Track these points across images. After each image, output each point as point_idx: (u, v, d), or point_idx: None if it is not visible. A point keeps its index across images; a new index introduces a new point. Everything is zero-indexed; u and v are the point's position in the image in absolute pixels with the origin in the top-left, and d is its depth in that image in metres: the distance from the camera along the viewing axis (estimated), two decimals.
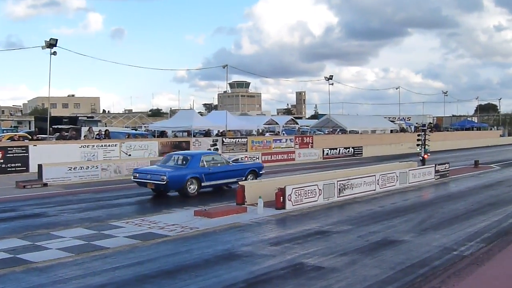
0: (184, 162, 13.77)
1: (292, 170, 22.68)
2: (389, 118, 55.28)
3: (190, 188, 13.50)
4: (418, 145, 20.43)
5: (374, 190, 15.38)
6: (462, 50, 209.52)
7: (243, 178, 14.76)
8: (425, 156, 20.37)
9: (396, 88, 51.69)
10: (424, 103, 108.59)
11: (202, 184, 13.71)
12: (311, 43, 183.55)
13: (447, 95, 56.69)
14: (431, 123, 54.49)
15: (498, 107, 78.84)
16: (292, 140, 31.39)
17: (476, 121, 70.80)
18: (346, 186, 14.07)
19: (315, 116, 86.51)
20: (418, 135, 20.45)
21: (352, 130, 40.82)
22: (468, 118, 74.81)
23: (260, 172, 15.67)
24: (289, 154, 28.47)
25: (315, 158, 29.99)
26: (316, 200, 12.95)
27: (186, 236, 8.92)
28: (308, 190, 12.69)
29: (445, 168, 19.71)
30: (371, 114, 60.98)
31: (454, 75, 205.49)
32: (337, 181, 13.86)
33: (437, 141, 43.25)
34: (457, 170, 23.07)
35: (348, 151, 32.96)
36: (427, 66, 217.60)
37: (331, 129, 41.58)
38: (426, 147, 20.43)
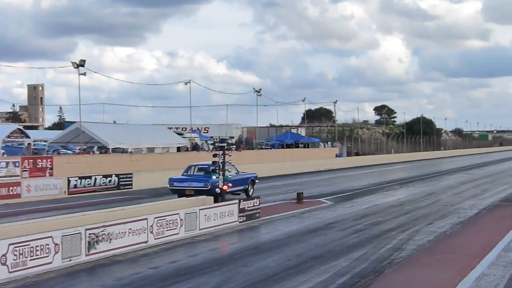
0: (213, 171, 23.28)
1: (13, 215, 22.58)
2: (177, 128, 59.03)
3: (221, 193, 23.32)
4: (213, 171, 21.91)
5: (146, 242, 16.29)
6: (284, 29, 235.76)
7: (247, 186, 30.19)
8: (225, 187, 21.97)
9: (187, 83, 52.47)
10: (229, 106, 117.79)
11: (229, 189, 23.60)
12: (53, 8, 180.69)
13: (260, 95, 59.96)
14: (234, 138, 60.25)
15: (334, 114, 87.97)
16: (17, 164, 31.71)
17: (303, 134, 79.73)
18: (100, 238, 14.69)
19: (59, 125, 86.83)
20: (215, 156, 21.93)
21: (117, 148, 41.96)
22: (293, 130, 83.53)
23: (256, 181, 31.38)
24: (11, 188, 28.49)
25: (55, 193, 30.43)
26: (51, 262, 13.20)
27: None
28: (37, 246, 12.97)
29: (254, 206, 21.75)
30: (149, 123, 63.37)
31: (273, 66, 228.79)
32: (86, 229, 14.37)
33: (246, 163, 47.50)
34: (272, 207, 25.90)
35: (110, 180, 34.08)
36: (234, 51, 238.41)
37: (85, 146, 42.14)
38: (227, 174, 22.08)
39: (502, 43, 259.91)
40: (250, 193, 30.53)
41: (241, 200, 21.38)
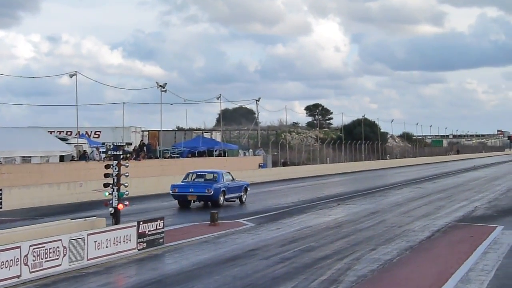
0: (213, 178, 34.72)
1: None
2: (60, 132, 57.87)
3: (220, 199, 34.87)
4: (106, 185, 21.72)
5: (19, 276, 15.94)
6: (194, 9, 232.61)
7: (242, 193, 37.70)
8: (120, 206, 21.81)
9: (72, 75, 51.61)
10: (125, 104, 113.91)
11: (226, 196, 34.79)
12: None
13: (165, 91, 59.99)
14: (133, 144, 58.20)
15: (256, 115, 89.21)
16: None
17: (219, 139, 79.25)
18: None
19: None
20: (108, 167, 21.87)
21: None
22: (206, 134, 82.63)
23: (248, 189, 39.08)
24: None
25: None
26: None
27: None
28: None
29: (157, 229, 21.75)
30: (24, 126, 62.49)
31: (180, 55, 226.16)
32: None
33: (148, 176, 47.70)
34: (180, 230, 25.97)
35: None
36: (132, 36, 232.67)
37: None
38: (122, 189, 21.87)
39: (460, 29, 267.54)
40: (244, 199, 38.93)
41: (141, 222, 21.32)
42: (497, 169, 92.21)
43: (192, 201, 36.25)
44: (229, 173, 38.17)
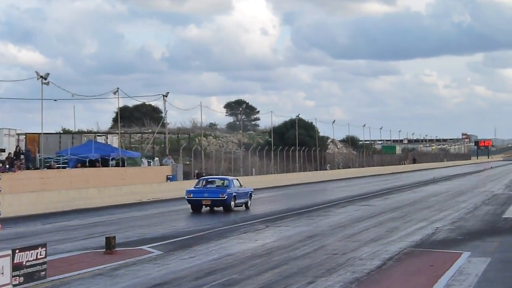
0: (225, 184, 48.88)
1: None
2: None
3: (232, 204, 48.08)
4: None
5: None
6: None
7: (247, 199, 51.14)
8: None
9: None
10: None
11: (236, 201, 48.48)
12: None
13: (47, 83, 59.80)
14: (6, 151, 57.56)
15: (164, 114, 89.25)
16: None
17: (115, 144, 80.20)
18: None
19: None
20: None
21: None
22: (99, 138, 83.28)
23: (253, 195, 53.10)
24: None
25: None
26: None
27: None
28: None
29: (37, 259, 21.40)
30: None
31: (66, 38, 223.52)
32: None
33: (24, 192, 46.66)
34: (66, 260, 25.78)
35: None
36: (4, 14, 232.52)
37: None
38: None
39: (415, 8, 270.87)
40: (249, 205, 50.87)
41: (16, 251, 20.94)
42: (462, 182, 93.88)
43: (205, 205, 48.23)
44: (237, 179, 51.71)
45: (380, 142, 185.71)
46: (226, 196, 47.02)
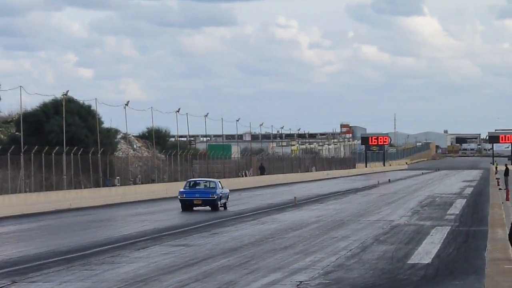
0: (212, 185, 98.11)
1: None
2: None
3: (219, 204, 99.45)
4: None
5: None
6: None
7: (226, 200, 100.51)
8: None
9: None
10: None
11: (221, 201, 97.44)
12: None
13: None
14: None
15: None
16: None
17: None
18: None
19: None
20: None
21: None
22: None
23: (229, 196, 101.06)
24: None
25: None
26: None
27: None
28: None
29: None
30: None
31: None
32: None
33: None
34: None
35: None
36: None
37: None
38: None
39: None
40: (227, 206, 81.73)
41: None
42: (341, 206, 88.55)
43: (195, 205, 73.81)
44: (220, 181, 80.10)
45: (205, 139, 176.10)
46: (215, 197, 72.45)
